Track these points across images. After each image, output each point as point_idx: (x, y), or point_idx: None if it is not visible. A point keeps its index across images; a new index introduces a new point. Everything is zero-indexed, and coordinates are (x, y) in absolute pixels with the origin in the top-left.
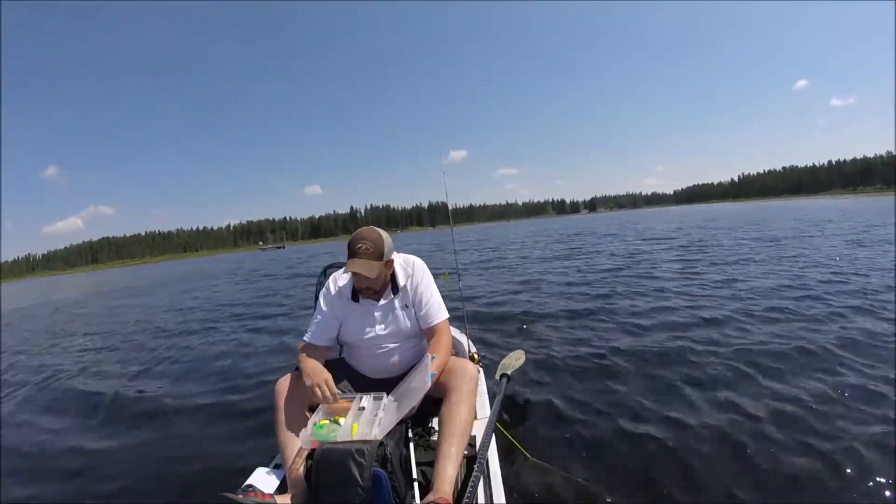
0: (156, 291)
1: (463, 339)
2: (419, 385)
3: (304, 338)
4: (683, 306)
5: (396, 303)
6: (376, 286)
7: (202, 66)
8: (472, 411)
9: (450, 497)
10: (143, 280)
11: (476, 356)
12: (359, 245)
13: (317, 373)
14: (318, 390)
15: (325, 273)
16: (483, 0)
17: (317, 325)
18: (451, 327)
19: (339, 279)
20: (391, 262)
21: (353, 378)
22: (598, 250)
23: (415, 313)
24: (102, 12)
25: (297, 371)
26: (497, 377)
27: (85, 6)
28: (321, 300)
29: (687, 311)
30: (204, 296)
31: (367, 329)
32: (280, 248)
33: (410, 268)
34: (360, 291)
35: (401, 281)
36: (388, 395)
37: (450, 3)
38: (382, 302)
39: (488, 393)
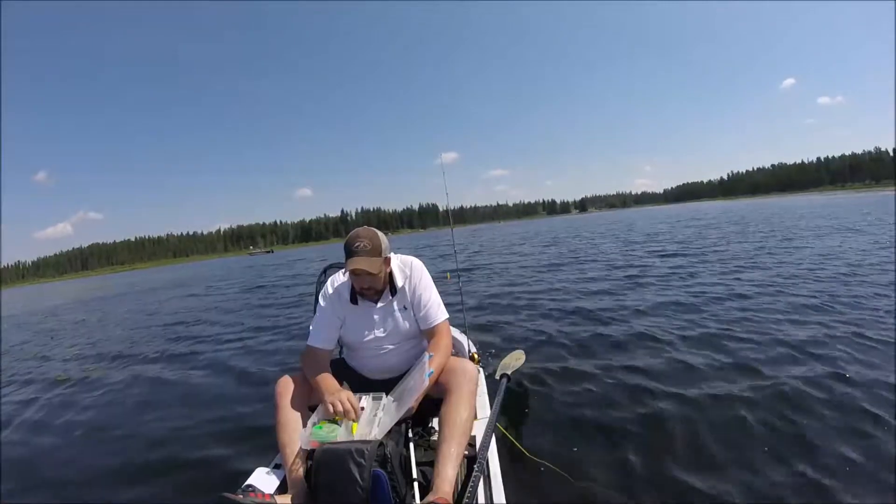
0: (147, 297)
1: (463, 339)
2: (417, 384)
3: (308, 342)
4: (689, 307)
5: (395, 304)
6: (378, 285)
7: (193, 69)
8: (472, 411)
9: (450, 497)
10: (129, 287)
11: (476, 356)
12: (357, 244)
13: (335, 388)
14: (338, 405)
15: (325, 273)
16: (474, 0)
17: (319, 327)
18: (451, 327)
19: (337, 281)
20: (389, 259)
21: (353, 379)
22: (595, 251)
23: (414, 314)
24: (92, 13)
25: (298, 371)
26: (497, 377)
27: (75, 6)
28: (321, 301)
29: (689, 311)
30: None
31: (367, 331)
32: (269, 252)
33: (408, 268)
34: (361, 292)
35: (399, 282)
36: (387, 395)
37: (440, 4)
38: (381, 304)
39: (488, 393)
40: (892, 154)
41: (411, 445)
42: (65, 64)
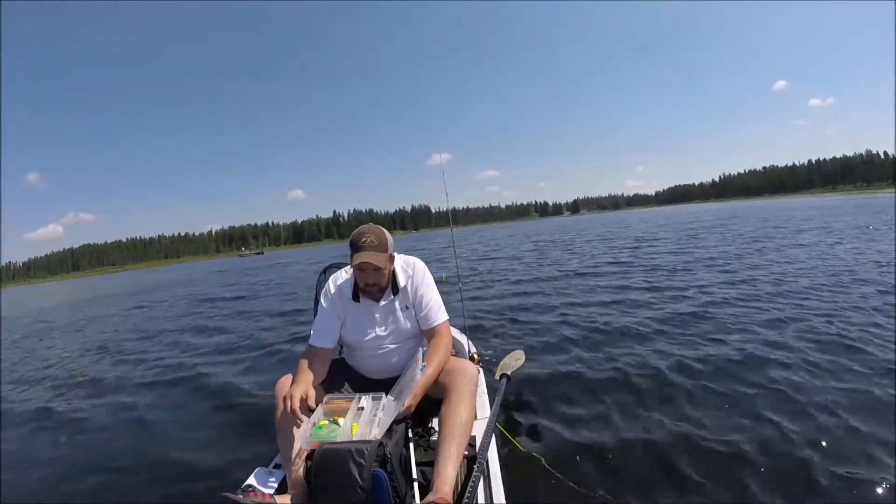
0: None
1: (463, 339)
2: (411, 379)
3: (309, 342)
4: (688, 307)
5: (397, 304)
6: (382, 281)
7: (185, 70)
8: (472, 411)
9: (450, 497)
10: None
11: (476, 356)
12: (364, 239)
13: (296, 384)
14: (283, 404)
15: (326, 273)
16: (470, 1)
17: (320, 326)
18: (452, 328)
19: (339, 279)
20: (393, 257)
21: (354, 378)
22: (594, 250)
23: (415, 314)
24: (83, 13)
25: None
26: (497, 377)
27: (66, 6)
28: (322, 299)
29: (690, 312)
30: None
31: (368, 330)
32: (259, 254)
33: (411, 269)
34: (365, 289)
35: (401, 282)
36: (386, 394)
37: (432, 4)
38: (383, 303)
39: (488, 393)
40: (883, 156)
41: (411, 445)
42: (56, 63)
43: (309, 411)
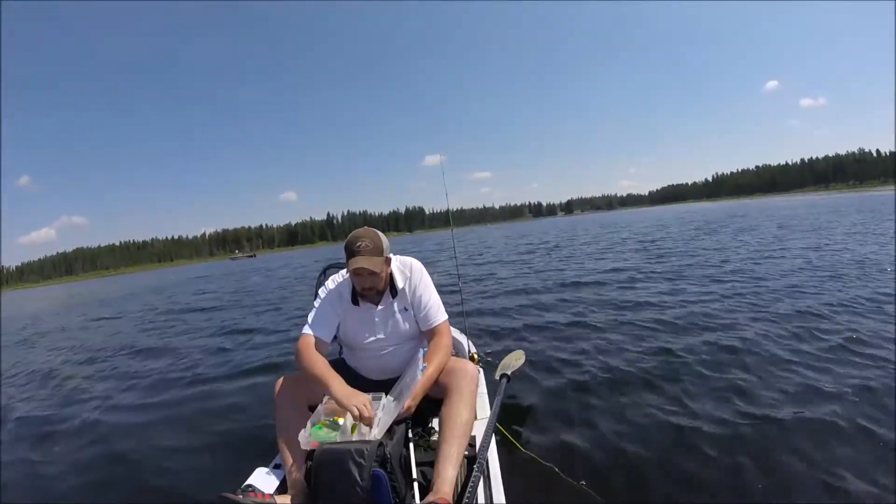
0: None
1: (463, 339)
2: (412, 379)
3: (305, 330)
4: (688, 307)
5: (395, 306)
6: (379, 285)
7: (177, 72)
8: (473, 412)
9: (450, 497)
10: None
11: (476, 356)
12: (358, 243)
13: (351, 391)
14: (365, 411)
15: (325, 273)
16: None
17: (319, 315)
18: (452, 328)
19: (338, 281)
20: (389, 259)
21: (354, 379)
22: (593, 251)
23: (414, 315)
24: (74, 14)
25: (297, 371)
26: (497, 377)
27: (58, 6)
28: (322, 294)
29: (690, 312)
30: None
31: (367, 333)
32: (251, 257)
33: (408, 270)
34: (362, 293)
35: (399, 283)
36: (386, 395)
37: (428, 4)
38: (381, 306)
39: (488, 393)
40: (875, 155)
41: (411, 445)
42: (47, 65)
43: (309, 411)
